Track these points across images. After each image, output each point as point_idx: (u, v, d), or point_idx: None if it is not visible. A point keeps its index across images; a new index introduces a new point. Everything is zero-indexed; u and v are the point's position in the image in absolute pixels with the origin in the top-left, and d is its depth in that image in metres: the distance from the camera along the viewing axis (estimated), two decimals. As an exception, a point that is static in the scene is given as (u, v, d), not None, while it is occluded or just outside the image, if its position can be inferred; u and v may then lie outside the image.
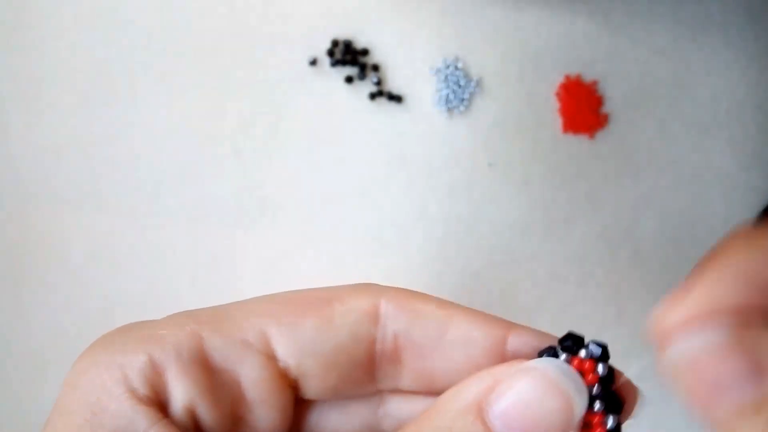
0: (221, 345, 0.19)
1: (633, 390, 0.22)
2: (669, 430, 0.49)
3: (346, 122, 0.48)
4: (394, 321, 0.20)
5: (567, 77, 0.48)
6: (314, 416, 0.23)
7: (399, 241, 0.47)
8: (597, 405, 0.20)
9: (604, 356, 0.21)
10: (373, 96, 0.47)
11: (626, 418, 0.22)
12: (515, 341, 0.21)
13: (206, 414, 0.19)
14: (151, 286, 0.47)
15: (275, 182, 0.48)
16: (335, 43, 0.47)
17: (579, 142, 0.48)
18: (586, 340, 0.21)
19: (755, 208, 0.48)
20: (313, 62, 0.47)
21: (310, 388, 0.21)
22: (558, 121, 0.48)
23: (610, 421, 0.20)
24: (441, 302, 0.21)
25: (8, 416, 0.47)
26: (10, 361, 0.47)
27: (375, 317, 0.20)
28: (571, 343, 0.20)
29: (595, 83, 0.48)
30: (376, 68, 0.48)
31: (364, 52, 0.48)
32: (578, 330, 0.22)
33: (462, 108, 0.48)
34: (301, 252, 0.49)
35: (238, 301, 0.22)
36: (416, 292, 0.21)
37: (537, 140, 0.48)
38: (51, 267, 0.47)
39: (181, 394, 0.18)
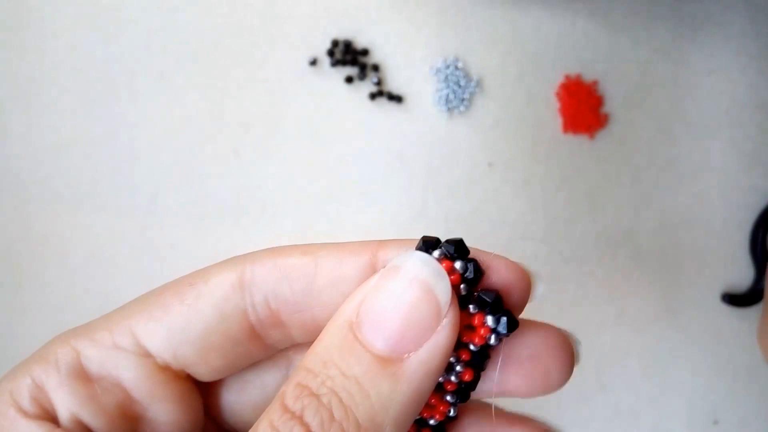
0: (95, 354, 0.20)
1: (518, 275, 0.19)
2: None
3: (346, 122, 0.48)
4: (261, 286, 0.20)
5: (567, 77, 0.48)
6: (228, 392, 0.23)
7: (399, 241, 0.47)
8: (471, 307, 0.19)
9: (460, 252, 0.19)
10: (373, 96, 0.47)
11: (521, 303, 0.20)
12: (383, 262, 0.20)
13: (93, 420, 0.19)
14: (151, 286, 0.47)
15: (275, 182, 0.48)
16: (335, 43, 0.47)
17: (579, 142, 0.48)
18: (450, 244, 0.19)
19: (755, 208, 0.48)
20: (313, 62, 0.47)
21: (201, 374, 0.21)
22: (558, 121, 0.48)
23: (490, 320, 0.18)
24: (305, 249, 0.20)
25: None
26: (10, 361, 0.47)
27: (241, 288, 0.20)
28: (423, 245, 0.19)
29: (595, 83, 0.48)
30: (376, 68, 0.48)
31: (364, 52, 0.47)
32: (578, 331, 0.22)
33: (462, 108, 0.48)
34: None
35: (118, 308, 0.22)
36: (281, 248, 0.20)
37: (537, 140, 0.48)
38: (51, 267, 0.47)
39: (62, 406, 0.19)
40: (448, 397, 0.20)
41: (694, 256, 0.48)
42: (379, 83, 0.47)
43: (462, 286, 0.19)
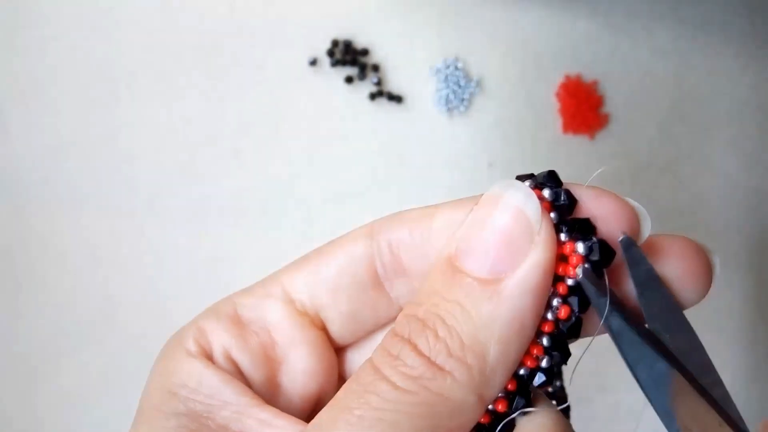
0: (250, 302, 0.23)
1: (618, 206, 0.19)
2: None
3: (346, 122, 0.48)
4: (385, 234, 0.22)
5: (567, 77, 0.48)
6: (360, 359, 0.24)
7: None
8: (563, 235, 0.18)
9: (552, 181, 0.19)
10: (373, 96, 0.47)
11: (632, 228, 0.19)
12: None
13: (240, 356, 0.22)
14: (151, 286, 0.47)
15: (275, 182, 0.48)
16: (335, 43, 0.47)
17: (579, 142, 0.48)
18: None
19: (755, 208, 0.48)
20: (313, 62, 0.47)
21: (333, 323, 0.23)
22: (558, 121, 0.48)
23: (581, 246, 0.18)
24: (425, 207, 0.22)
25: (9, 414, 0.47)
26: (10, 361, 0.47)
27: (369, 237, 0.22)
28: (520, 178, 0.19)
29: (595, 83, 0.48)
30: (376, 68, 0.48)
31: (364, 52, 0.47)
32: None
33: (462, 108, 0.48)
34: (301, 252, 0.49)
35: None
36: (404, 210, 0.23)
37: (537, 140, 0.48)
38: (51, 267, 0.47)
39: (217, 343, 0.22)
40: (544, 340, 0.19)
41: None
42: (379, 83, 0.47)
43: (553, 215, 0.18)
